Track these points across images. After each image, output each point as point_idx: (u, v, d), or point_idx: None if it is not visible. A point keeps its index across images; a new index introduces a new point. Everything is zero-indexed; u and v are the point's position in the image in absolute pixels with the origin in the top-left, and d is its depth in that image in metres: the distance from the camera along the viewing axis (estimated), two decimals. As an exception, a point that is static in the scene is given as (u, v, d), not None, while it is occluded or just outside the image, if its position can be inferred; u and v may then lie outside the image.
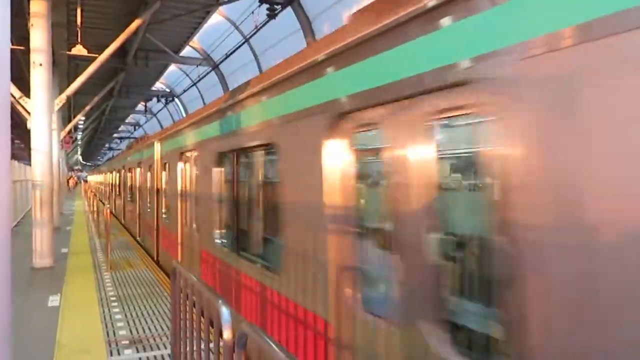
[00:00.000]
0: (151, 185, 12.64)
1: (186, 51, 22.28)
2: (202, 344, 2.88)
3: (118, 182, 23.08)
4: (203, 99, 30.57)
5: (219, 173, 6.35)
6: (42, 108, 10.62)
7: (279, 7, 14.82)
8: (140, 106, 35.68)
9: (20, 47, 13.52)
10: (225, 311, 2.35)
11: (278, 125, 4.04)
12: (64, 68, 18.67)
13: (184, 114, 34.39)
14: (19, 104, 11.57)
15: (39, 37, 10.46)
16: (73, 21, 14.01)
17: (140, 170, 15.03)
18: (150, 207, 12.69)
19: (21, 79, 12.26)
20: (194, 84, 28.52)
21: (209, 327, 2.73)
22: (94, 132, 51.29)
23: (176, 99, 33.79)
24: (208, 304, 2.68)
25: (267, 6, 14.78)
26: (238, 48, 20.58)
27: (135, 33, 14.67)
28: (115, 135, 61.16)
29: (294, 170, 3.82)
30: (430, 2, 2.27)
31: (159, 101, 31.27)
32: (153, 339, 5.88)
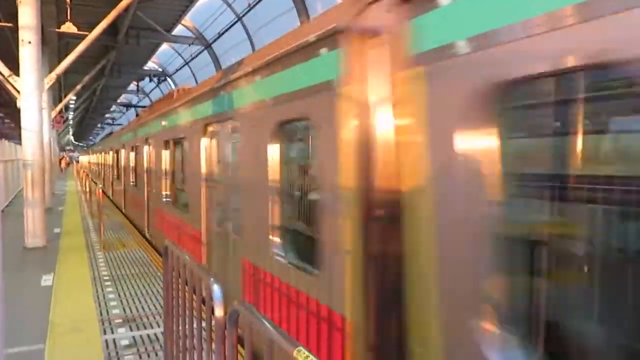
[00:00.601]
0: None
1: (178, 30, 21.99)
2: (195, 322, 2.89)
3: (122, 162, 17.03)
4: (195, 79, 30.29)
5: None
6: (32, 87, 10.47)
7: (273, -15, 14.60)
8: (132, 86, 35.31)
9: (8, 24, 13.27)
10: (216, 289, 2.35)
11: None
12: (54, 46, 18.36)
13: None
14: (8, 83, 11.40)
15: (28, 14, 10.25)
16: (62, -2, 13.75)
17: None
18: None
19: (10, 57, 12.07)
20: (187, 64, 28.24)
21: (201, 305, 2.74)
22: (86, 112, 50.77)
23: (168, 79, 33.44)
24: (200, 282, 2.69)
25: (261, -16, 14.55)
26: (231, 27, 20.33)
27: (126, 10, 14.41)
28: (107, 115, 60.60)
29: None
30: None
31: (151, 81, 30.95)
32: (146, 318, 5.91)
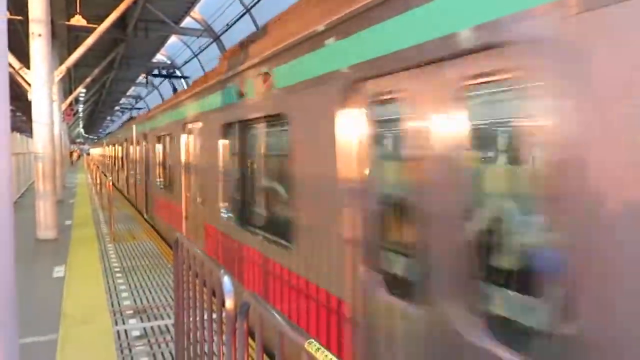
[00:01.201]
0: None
1: (187, 22, 21.98)
2: (205, 314, 2.90)
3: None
4: (204, 71, 30.28)
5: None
6: (43, 79, 10.53)
7: (281, -24, 14.52)
8: (141, 78, 35.40)
9: (18, 18, 13.33)
10: (227, 281, 2.36)
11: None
12: (64, 39, 18.46)
13: (185, 87, 34.14)
14: (19, 75, 11.49)
15: (38, 7, 10.30)
16: (71, -9, 13.79)
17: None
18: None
19: (21, 50, 12.14)
20: (195, 56, 28.23)
21: (212, 297, 2.75)
22: (95, 105, 51.05)
23: (177, 71, 33.47)
24: (210, 274, 2.69)
25: (269, -25, 14.46)
26: (240, 18, 20.27)
27: (134, 3, 14.43)
28: (116, 108, 60.87)
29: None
30: None
31: (160, 74, 30.99)
32: (157, 309, 5.96)
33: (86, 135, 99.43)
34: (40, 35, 10.35)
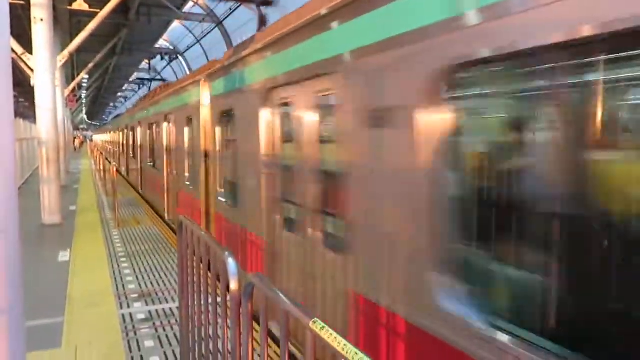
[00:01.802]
0: None
1: (189, 7, 21.81)
2: (209, 297, 2.92)
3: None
4: (207, 57, 30.16)
5: None
6: (45, 64, 10.50)
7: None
8: (144, 64, 35.27)
9: (20, 2, 13.26)
10: (232, 262, 2.36)
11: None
12: (66, 24, 18.35)
13: (188, 72, 34.04)
14: (22, 61, 11.45)
15: (39, -9, 10.23)
16: (73, -25, 13.68)
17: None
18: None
19: (23, 36, 12.08)
20: (198, 41, 28.07)
21: (216, 280, 2.76)
22: (98, 91, 50.96)
23: (180, 57, 33.34)
24: (215, 257, 2.70)
25: (272, -41, 14.30)
26: (242, 3, 20.09)
27: (136, -13, 14.31)
28: (119, 94, 60.77)
29: None
30: None
31: (163, 59, 30.86)
32: (162, 293, 6.00)
33: (89, 121, 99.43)
34: (42, 20, 10.30)
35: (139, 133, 16.50)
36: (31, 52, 10.66)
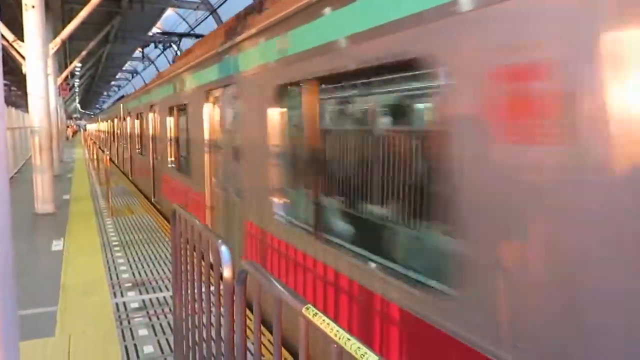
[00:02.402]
0: None
1: (183, -6, 21.58)
2: (203, 285, 2.92)
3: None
4: (201, 46, 29.91)
5: None
6: (37, 52, 10.38)
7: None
8: (137, 53, 34.94)
9: (11, -11, 13.07)
10: (225, 250, 2.35)
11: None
12: (58, 11, 18.14)
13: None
14: (13, 49, 11.32)
15: (30, -23, 10.08)
16: (64, -39, 13.48)
17: None
18: None
19: (14, 23, 11.93)
20: (192, 29, 27.82)
21: (210, 269, 2.76)
22: (92, 80, 50.53)
23: (174, 45, 33.04)
24: (208, 245, 2.69)
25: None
26: (236, -9, 19.91)
27: (129, -26, 14.14)
28: (113, 83, 60.31)
29: None
30: None
31: (156, 47, 30.55)
32: (155, 282, 6.00)
33: (83, 110, 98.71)
34: (33, 6, 10.16)
35: (129, 122, 17.77)
36: (22, 40, 10.53)
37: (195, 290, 3.00)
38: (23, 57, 10.73)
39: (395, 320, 2.66)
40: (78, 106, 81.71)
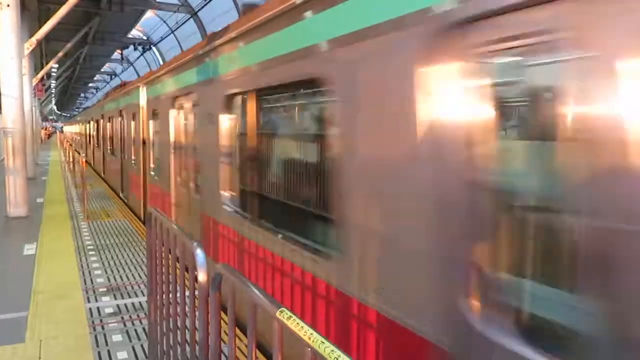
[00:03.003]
0: None
1: (163, -4, 21.41)
2: (178, 288, 2.87)
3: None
4: (181, 48, 29.69)
5: None
6: (12, 51, 10.16)
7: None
8: (116, 55, 34.52)
9: (-15, -13, 12.78)
10: (200, 254, 2.32)
11: None
12: (34, 11, 17.81)
13: (162, 63, 33.44)
14: (-14, 47, 11.06)
15: (5, -25, 9.88)
16: (41, -41, 13.26)
17: None
18: None
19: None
20: (172, 32, 27.61)
21: (184, 272, 2.72)
22: (69, 81, 49.70)
23: (153, 47, 32.74)
24: (183, 248, 2.65)
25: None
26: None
27: (108, -26, 13.96)
28: (90, 84, 59.42)
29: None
30: None
31: (136, 49, 30.26)
32: (131, 286, 5.89)
33: (59, 112, 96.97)
34: (8, 5, 9.95)
35: (102, 125, 18.99)
36: (-4, 39, 10.30)
37: (170, 293, 2.95)
38: (-3, 57, 10.48)
39: (299, 278, 3.50)
40: (54, 108, 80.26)
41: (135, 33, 30.63)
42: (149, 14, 26.33)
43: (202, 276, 2.28)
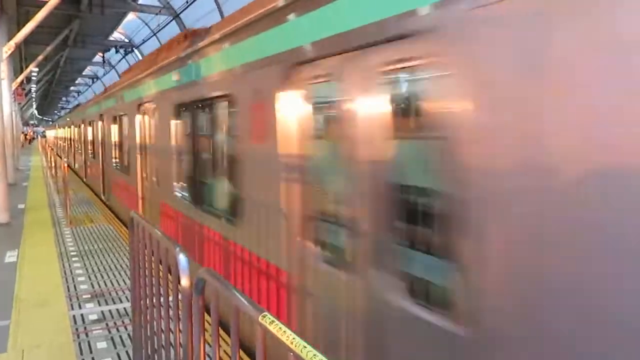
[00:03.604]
0: None
1: (145, -2, 21.22)
2: (162, 292, 2.84)
3: None
4: (164, 51, 29.42)
5: None
6: (-11, 56, 9.99)
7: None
8: (97, 58, 34.12)
9: (-39, -10, 12.56)
10: (182, 258, 2.30)
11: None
12: (13, 15, 17.51)
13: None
14: (-37, 52, 10.86)
15: (-19, -22, 9.71)
16: (19, -38, 13.05)
17: None
18: None
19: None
20: (154, 34, 27.37)
21: (168, 276, 2.69)
22: (49, 85, 49.01)
23: (135, 50, 32.42)
24: (166, 253, 2.63)
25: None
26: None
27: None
28: (72, 88, 58.66)
29: None
30: None
31: (118, 52, 29.93)
32: (115, 292, 5.82)
33: (40, 116, 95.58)
34: (-15, 8, 9.79)
35: (83, 129, 19.55)
36: (-27, 43, 10.12)
37: (154, 297, 2.92)
38: (-26, 61, 10.30)
39: (216, 239, 4.86)
40: (35, 112, 79.09)
41: (116, 35, 30.31)
42: (131, 16, 26.05)
43: (185, 281, 2.26)
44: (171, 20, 24.49)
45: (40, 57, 23.17)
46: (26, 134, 58.00)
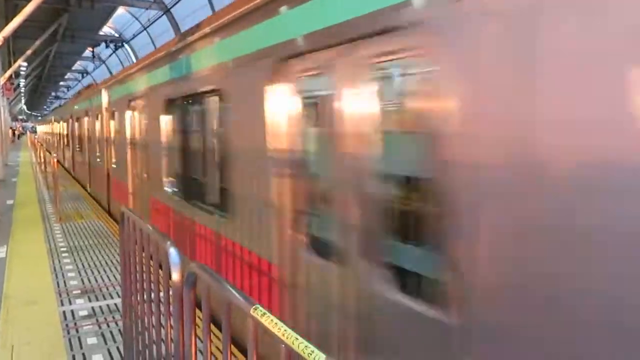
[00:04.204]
0: None
1: (135, -7, 21.02)
2: (152, 287, 2.82)
3: None
4: (154, 45, 29.24)
5: None
6: (-24, 50, 9.86)
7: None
8: (87, 52, 33.79)
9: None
10: (173, 252, 2.28)
11: None
12: (1, 8, 17.29)
13: (135, 60, 32.90)
14: (-50, 46, 10.71)
15: (-32, -29, 9.57)
16: (7, -45, 12.88)
17: None
18: None
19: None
20: (145, 29, 27.16)
21: (159, 271, 2.68)
22: (38, 80, 48.49)
23: (126, 45, 32.16)
24: (157, 247, 2.61)
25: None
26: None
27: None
28: (61, 83, 58.12)
29: None
30: None
31: (108, 47, 29.66)
32: (105, 288, 5.79)
33: (29, 112, 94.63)
34: (-28, 1, 9.65)
35: (70, 124, 19.99)
36: (-40, 37, 9.98)
37: (144, 293, 2.91)
38: (-39, 55, 10.17)
39: (207, 233, 4.87)
40: (24, 107, 78.28)
41: (106, 30, 30.03)
42: (121, 11, 25.81)
43: (176, 275, 2.25)
44: (162, 15, 24.31)
45: (29, 52, 22.90)
46: (14, 130, 57.39)
